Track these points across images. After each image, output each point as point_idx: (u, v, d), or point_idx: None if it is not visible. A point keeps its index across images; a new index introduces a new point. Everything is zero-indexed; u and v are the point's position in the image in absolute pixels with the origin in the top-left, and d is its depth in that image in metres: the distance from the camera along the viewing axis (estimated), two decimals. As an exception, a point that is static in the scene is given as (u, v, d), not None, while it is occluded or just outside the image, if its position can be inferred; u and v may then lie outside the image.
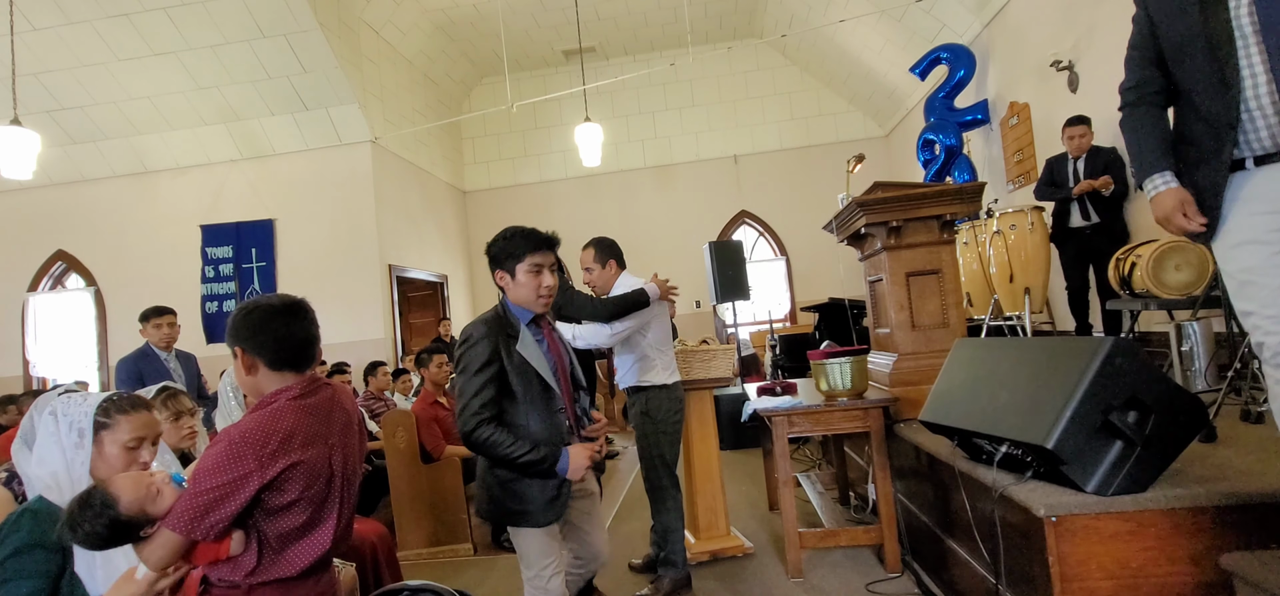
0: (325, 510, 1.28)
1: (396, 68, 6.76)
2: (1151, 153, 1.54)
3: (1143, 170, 1.56)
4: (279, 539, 1.23)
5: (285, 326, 1.30)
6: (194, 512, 1.14)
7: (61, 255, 6.61)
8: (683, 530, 2.56)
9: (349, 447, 1.36)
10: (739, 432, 4.63)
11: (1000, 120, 5.15)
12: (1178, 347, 2.66)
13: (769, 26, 7.58)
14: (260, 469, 1.17)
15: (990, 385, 1.79)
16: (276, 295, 1.36)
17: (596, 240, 2.63)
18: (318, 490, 1.26)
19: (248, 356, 1.29)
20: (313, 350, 1.36)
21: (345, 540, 1.37)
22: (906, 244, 2.66)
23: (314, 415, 1.29)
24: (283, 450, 1.20)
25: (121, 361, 3.41)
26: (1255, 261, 1.40)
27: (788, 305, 8.08)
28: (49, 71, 5.59)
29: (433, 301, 7.40)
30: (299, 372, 1.32)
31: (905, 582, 2.40)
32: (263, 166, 6.30)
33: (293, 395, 1.28)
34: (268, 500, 1.20)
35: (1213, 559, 1.43)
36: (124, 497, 1.17)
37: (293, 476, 1.21)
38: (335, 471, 1.30)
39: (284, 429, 1.22)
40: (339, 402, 1.39)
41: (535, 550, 1.71)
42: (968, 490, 1.87)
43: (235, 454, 1.17)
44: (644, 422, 2.53)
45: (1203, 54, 1.42)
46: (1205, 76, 1.43)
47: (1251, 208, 1.41)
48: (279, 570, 1.23)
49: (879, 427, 2.52)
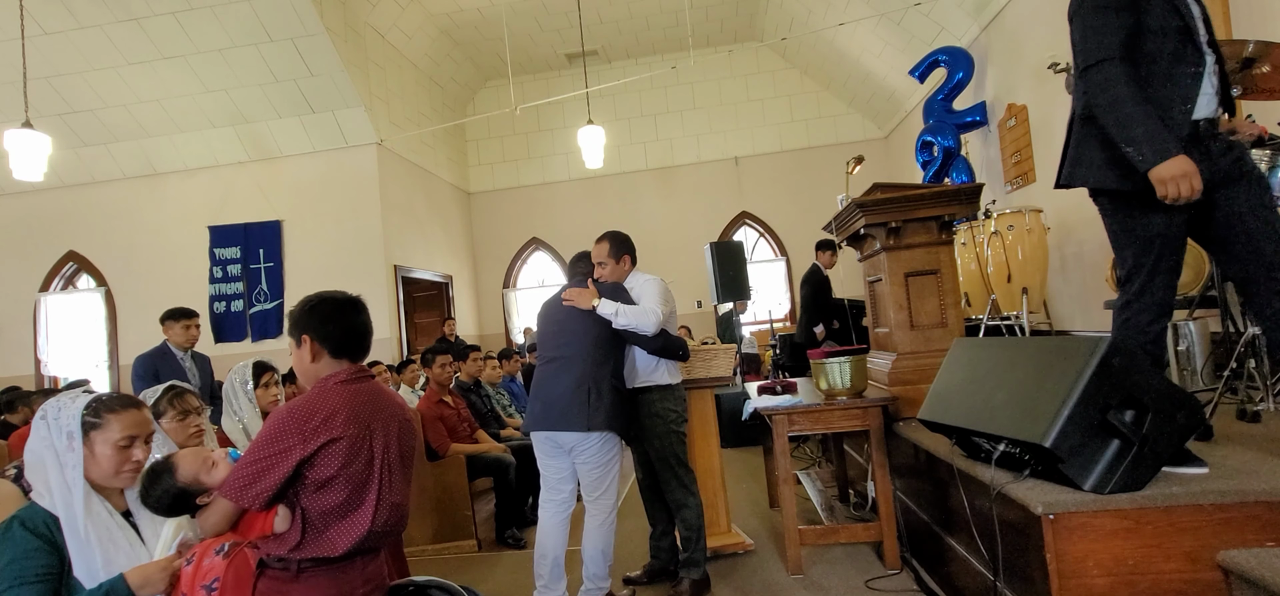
0: (365, 492, 1.34)
1: (402, 71, 6.81)
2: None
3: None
4: (321, 517, 1.29)
5: (349, 318, 1.42)
6: (243, 481, 1.25)
7: (72, 256, 6.67)
8: (704, 529, 2.54)
9: (391, 436, 1.41)
10: (740, 431, 4.65)
11: (998, 122, 5.17)
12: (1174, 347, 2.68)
13: (769, 30, 7.61)
14: (302, 442, 1.26)
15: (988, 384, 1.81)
16: (337, 291, 1.47)
17: (610, 234, 2.57)
18: (357, 469, 1.32)
19: (315, 344, 1.40)
20: (369, 342, 1.47)
21: (392, 529, 1.41)
22: (905, 244, 2.68)
23: (359, 399, 1.36)
24: (324, 426, 1.28)
25: (138, 358, 3.45)
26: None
27: (788, 305, 8.10)
28: (59, 75, 5.66)
29: (438, 301, 7.44)
30: (354, 362, 1.43)
31: (904, 579, 2.42)
32: (270, 168, 6.36)
33: (341, 379, 1.38)
34: (308, 475, 1.28)
35: (1209, 556, 1.44)
36: (181, 468, 1.32)
37: (331, 452, 1.28)
38: (376, 455, 1.36)
39: (328, 407, 1.31)
40: (385, 394, 1.46)
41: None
42: (966, 488, 1.89)
43: (281, 428, 1.27)
44: (654, 424, 2.49)
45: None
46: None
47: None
48: (322, 548, 1.29)
49: (878, 426, 2.55)
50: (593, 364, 2.33)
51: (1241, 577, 1.35)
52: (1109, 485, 1.50)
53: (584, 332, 2.36)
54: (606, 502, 2.36)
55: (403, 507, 1.44)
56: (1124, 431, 1.48)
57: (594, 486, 2.35)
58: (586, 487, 2.38)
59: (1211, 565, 1.44)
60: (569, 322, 2.40)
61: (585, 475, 2.36)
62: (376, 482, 1.35)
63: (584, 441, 2.30)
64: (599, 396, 2.29)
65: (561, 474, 2.40)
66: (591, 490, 2.36)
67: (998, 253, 3.94)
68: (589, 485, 2.36)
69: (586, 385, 2.30)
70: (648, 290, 2.45)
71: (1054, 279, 4.32)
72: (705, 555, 2.53)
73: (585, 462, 2.34)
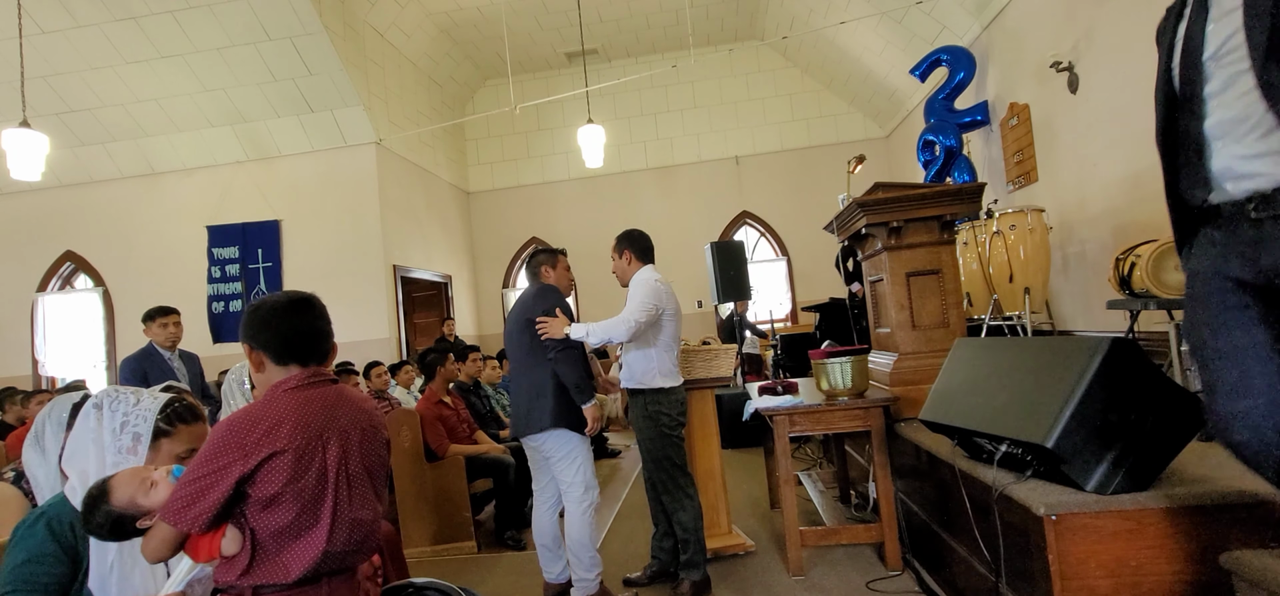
0: (319, 509, 1.22)
1: (401, 70, 6.80)
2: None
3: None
4: (272, 538, 1.19)
5: (289, 321, 1.30)
6: (181, 503, 1.14)
7: (70, 255, 6.66)
8: (702, 530, 2.55)
9: (351, 445, 1.29)
10: (740, 431, 4.65)
11: (1000, 121, 5.16)
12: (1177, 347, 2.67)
13: (770, 28, 7.60)
14: (243, 457, 1.15)
15: (990, 384, 1.81)
16: (284, 292, 1.35)
17: (622, 232, 2.65)
18: (307, 484, 1.21)
19: (255, 353, 1.30)
20: (321, 344, 1.33)
21: (356, 548, 1.29)
22: (907, 244, 2.68)
23: (309, 407, 1.25)
24: (267, 438, 1.17)
25: (125, 361, 3.42)
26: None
27: (789, 305, 8.09)
28: (57, 74, 5.64)
29: (437, 301, 7.43)
30: (304, 366, 1.30)
31: (906, 580, 2.41)
32: (269, 168, 6.35)
33: (289, 386, 1.26)
34: (252, 492, 1.17)
35: (1212, 557, 1.43)
36: (116, 491, 1.18)
37: (275, 466, 1.17)
38: (330, 467, 1.24)
39: (271, 418, 1.20)
40: (347, 399, 1.33)
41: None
42: (968, 489, 1.88)
43: (220, 444, 1.16)
44: (648, 427, 2.51)
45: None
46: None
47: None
48: (274, 573, 1.19)
49: (879, 426, 2.54)
50: (540, 367, 2.44)
51: (1244, 579, 1.34)
52: (1111, 486, 1.50)
53: (529, 340, 2.47)
54: (576, 494, 2.44)
55: (368, 524, 1.31)
56: (1126, 432, 1.47)
57: (563, 480, 2.47)
58: (558, 483, 2.49)
59: (1214, 566, 1.43)
60: (515, 333, 2.53)
61: (554, 471, 2.48)
62: (330, 497, 1.23)
63: (543, 440, 2.45)
64: (546, 396, 2.41)
65: (545, 474, 2.55)
66: (563, 485, 2.47)
67: (1000, 252, 3.94)
68: (560, 480, 2.48)
69: (536, 388, 2.44)
70: (634, 295, 2.50)
71: (1056, 279, 4.30)
72: (705, 556, 2.53)
73: (549, 458, 2.47)
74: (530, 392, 2.45)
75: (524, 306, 2.53)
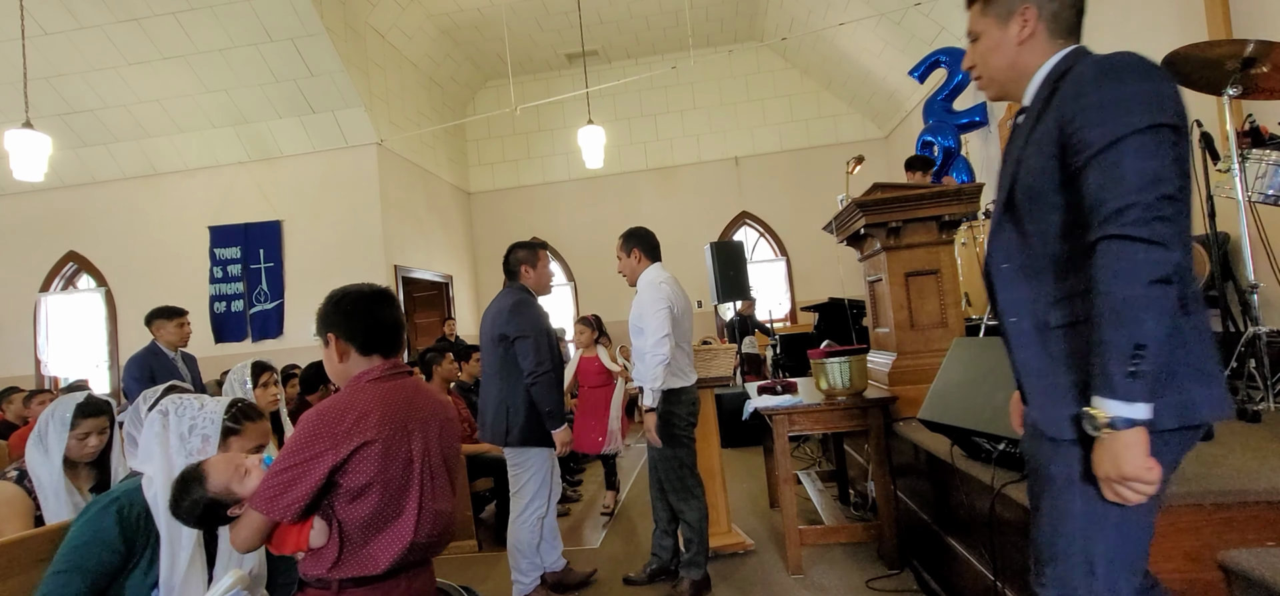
0: (404, 498, 1.23)
1: (402, 71, 6.82)
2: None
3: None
4: (359, 530, 1.19)
5: (375, 312, 1.31)
6: (273, 491, 1.14)
7: (72, 256, 6.68)
8: (707, 530, 2.55)
9: (432, 436, 1.31)
10: (740, 430, 4.65)
11: (998, 122, 5.17)
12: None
13: (769, 30, 7.61)
14: (334, 446, 1.16)
15: (988, 384, 1.81)
16: (365, 284, 1.36)
17: (626, 230, 2.65)
18: (394, 475, 1.22)
19: (340, 343, 1.29)
20: (400, 335, 1.36)
21: (437, 539, 1.31)
22: (905, 244, 2.68)
23: (394, 398, 1.26)
24: (356, 428, 1.18)
25: (132, 359, 3.43)
26: None
27: (788, 305, 8.10)
28: (60, 75, 5.66)
29: (438, 301, 7.45)
30: (386, 357, 1.32)
31: (904, 579, 2.42)
32: (270, 168, 6.37)
33: (373, 377, 1.28)
34: (342, 482, 1.18)
35: (1211, 556, 1.43)
36: (212, 476, 1.20)
37: (365, 456, 1.18)
38: (415, 458, 1.26)
39: (359, 408, 1.20)
40: (423, 391, 1.36)
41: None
42: (966, 487, 1.89)
43: (311, 434, 1.16)
44: (661, 426, 2.49)
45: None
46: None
47: None
48: (363, 565, 1.19)
49: (878, 426, 2.55)
50: (512, 385, 2.46)
51: (1242, 577, 1.35)
52: (1109, 485, 1.50)
53: (501, 353, 2.49)
54: (524, 500, 2.50)
55: (447, 515, 1.33)
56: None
57: (515, 484, 2.55)
58: (511, 484, 2.55)
59: (1212, 565, 1.43)
60: (489, 344, 2.55)
61: (510, 473, 2.54)
62: (417, 488, 1.25)
63: (508, 451, 2.52)
64: (518, 414, 2.45)
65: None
66: (514, 487, 2.54)
67: (998, 252, 3.93)
68: (512, 482, 2.54)
69: (506, 402, 2.47)
70: (646, 302, 2.48)
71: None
72: (707, 556, 2.54)
73: (509, 463, 2.55)
74: (500, 403, 2.48)
75: (498, 318, 2.52)
